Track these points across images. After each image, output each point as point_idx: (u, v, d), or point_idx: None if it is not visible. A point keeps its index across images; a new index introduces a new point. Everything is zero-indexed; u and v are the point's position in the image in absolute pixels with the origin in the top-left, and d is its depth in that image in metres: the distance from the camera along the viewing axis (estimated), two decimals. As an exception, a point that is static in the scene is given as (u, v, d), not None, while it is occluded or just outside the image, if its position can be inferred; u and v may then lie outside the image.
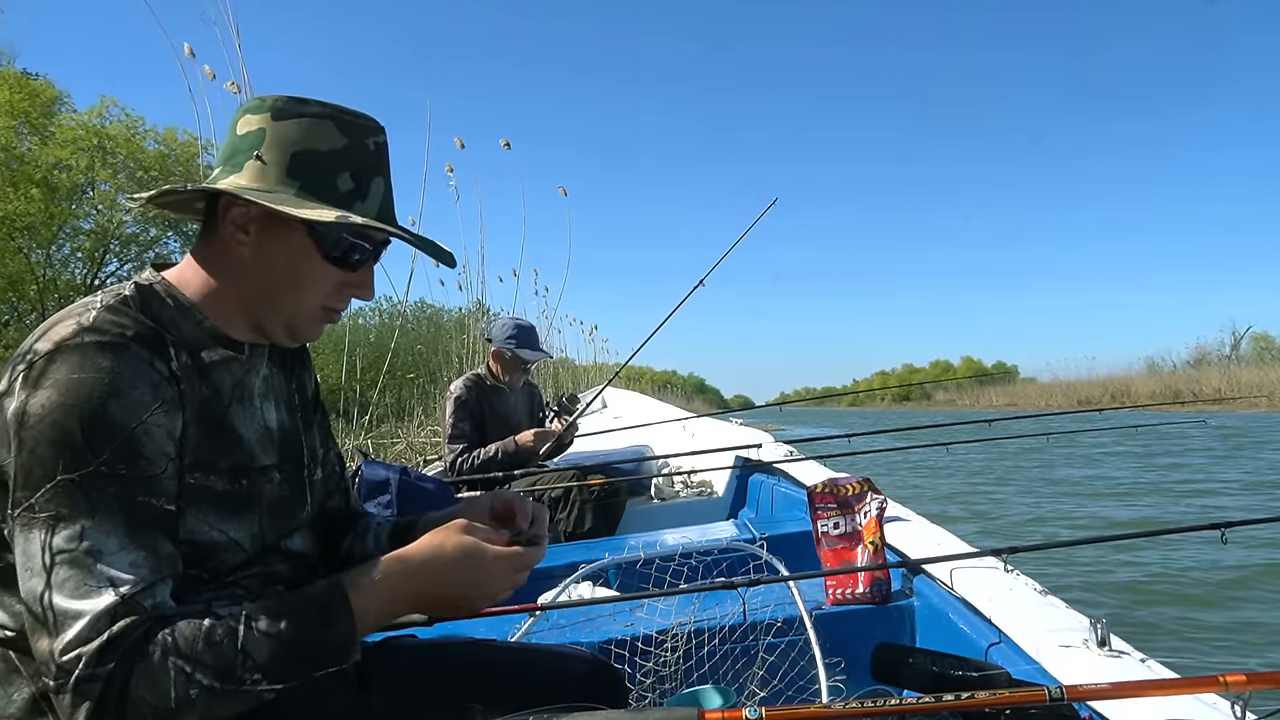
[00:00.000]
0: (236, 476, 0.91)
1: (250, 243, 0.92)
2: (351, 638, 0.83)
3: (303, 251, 0.92)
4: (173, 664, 0.74)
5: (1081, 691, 0.89)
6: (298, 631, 0.79)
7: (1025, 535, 6.62)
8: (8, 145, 12.47)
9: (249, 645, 0.77)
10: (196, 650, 0.75)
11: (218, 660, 0.76)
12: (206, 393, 0.90)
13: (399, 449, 7.53)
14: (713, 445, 4.10)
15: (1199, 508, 7.41)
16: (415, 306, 11.89)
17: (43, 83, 13.91)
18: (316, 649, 0.81)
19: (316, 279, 0.93)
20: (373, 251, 0.96)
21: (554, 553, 2.83)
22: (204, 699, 0.75)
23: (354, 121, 0.94)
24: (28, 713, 0.83)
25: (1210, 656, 3.65)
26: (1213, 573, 4.89)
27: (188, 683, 0.74)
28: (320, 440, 1.12)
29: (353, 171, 0.93)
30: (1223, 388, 27.39)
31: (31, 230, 12.97)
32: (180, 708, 0.74)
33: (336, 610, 0.82)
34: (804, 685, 1.73)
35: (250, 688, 0.77)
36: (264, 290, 0.93)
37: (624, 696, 1.22)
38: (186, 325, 0.90)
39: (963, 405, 42.55)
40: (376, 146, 0.96)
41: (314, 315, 0.96)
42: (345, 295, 0.97)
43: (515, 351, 3.55)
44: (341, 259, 0.94)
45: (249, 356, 0.97)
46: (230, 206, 0.91)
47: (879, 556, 1.94)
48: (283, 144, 0.91)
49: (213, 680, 0.75)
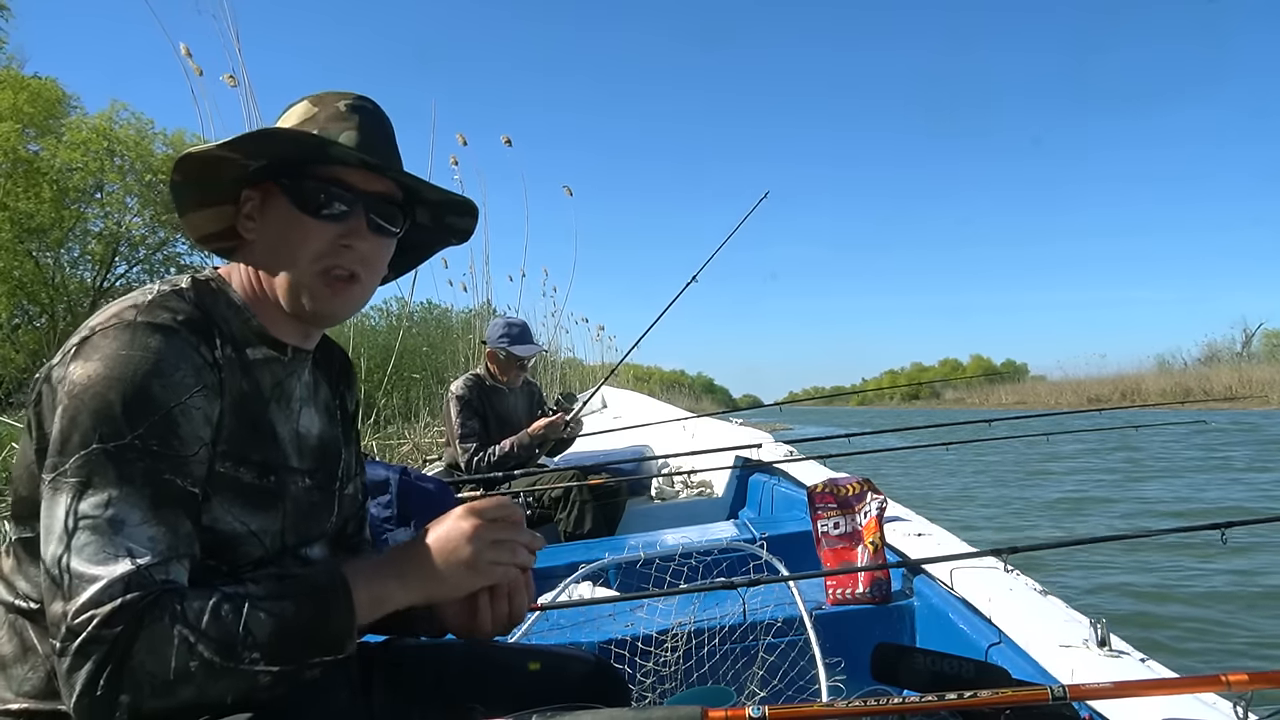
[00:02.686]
0: (265, 472, 0.93)
1: (255, 226, 0.96)
2: (349, 627, 0.83)
3: (285, 212, 0.93)
4: (178, 632, 0.75)
5: (1084, 691, 0.89)
6: (298, 614, 0.80)
7: (1025, 535, 6.62)
8: (15, 149, 12.48)
9: (251, 623, 0.78)
10: (203, 622, 0.76)
11: (221, 634, 0.76)
12: (247, 387, 0.92)
13: (405, 450, 7.53)
14: (713, 445, 4.11)
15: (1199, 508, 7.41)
16: (422, 307, 11.90)
17: (46, 81, 13.90)
18: (315, 634, 0.81)
19: (305, 236, 0.93)
20: (356, 201, 0.94)
21: (554, 553, 2.83)
22: (203, 673, 0.75)
23: (326, 94, 0.98)
24: (44, 690, 0.84)
25: (1211, 657, 3.65)
26: (1214, 572, 4.89)
27: (189, 654, 0.75)
28: (356, 459, 1.14)
29: (320, 129, 0.94)
30: (1234, 385, 27.20)
31: (41, 233, 12.99)
32: (178, 679, 0.74)
33: (336, 597, 0.83)
34: (804, 685, 1.73)
35: (248, 666, 0.77)
36: (271, 268, 0.95)
37: (625, 697, 1.22)
38: (235, 321, 0.94)
39: (972, 404, 42.34)
40: (349, 109, 0.97)
41: (315, 279, 0.94)
42: (341, 252, 0.94)
43: (509, 350, 3.56)
44: (321, 209, 0.93)
45: (291, 359, 0.99)
46: (245, 204, 0.96)
47: (879, 556, 1.94)
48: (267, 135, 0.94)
49: (214, 654, 0.75)
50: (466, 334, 9.88)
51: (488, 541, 0.90)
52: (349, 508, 1.10)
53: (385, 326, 10.17)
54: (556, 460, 3.90)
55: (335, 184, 0.93)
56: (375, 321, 11.06)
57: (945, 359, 74.19)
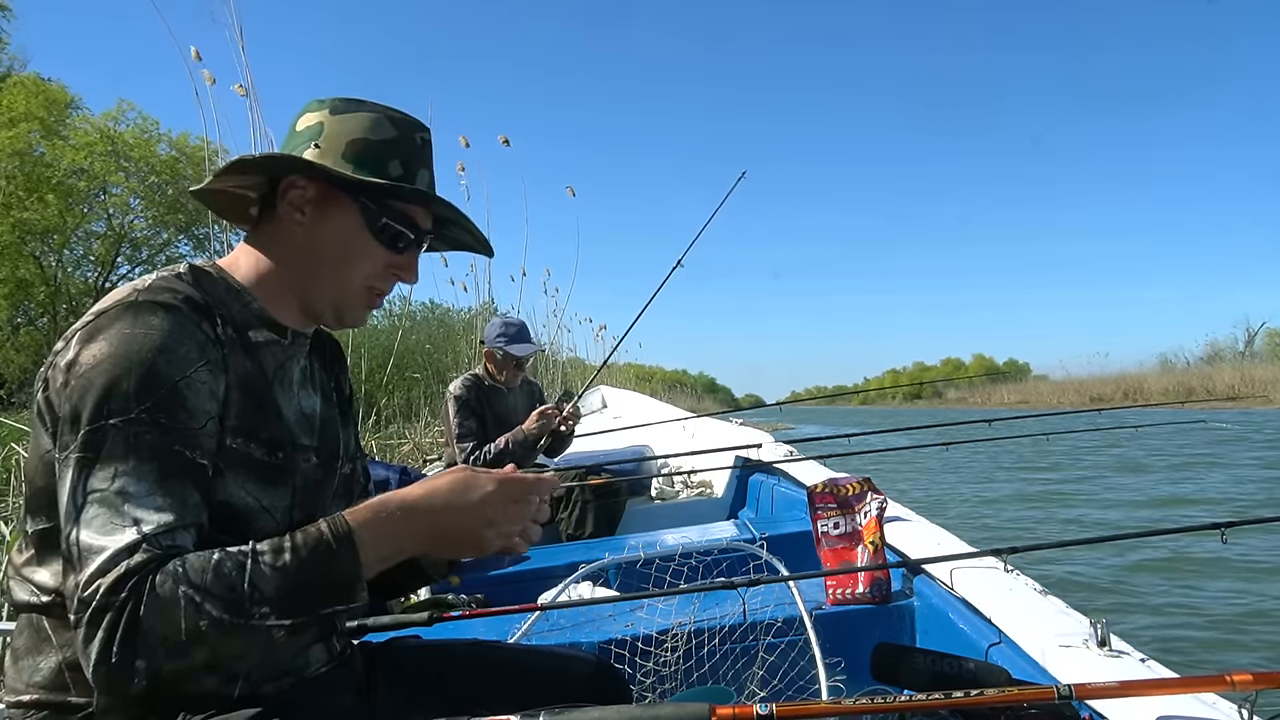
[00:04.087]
0: (274, 449, 0.94)
1: (305, 222, 0.98)
2: (357, 573, 0.83)
3: (353, 228, 0.98)
4: (182, 593, 0.75)
5: (1089, 690, 0.89)
6: (303, 565, 0.80)
7: (1025, 535, 6.62)
8: (24, 150, 12.50)
9: (256, 578, 0.78)
10: (205, 581, 0.76)
11: (226, 591, 0.76)
12: (250, 367, 0.94)
13: (405, 449, 7.52)
14: (713, 445, 4.10)
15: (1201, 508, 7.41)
16: (424, 307, 11.92)
17: (58, 87, 13.93)
18: (323, 583, 0.81)
19: (364, 256, 0.99)
20: (416, 240, 1.02)
21: (554, 553, 2.83)
22: (214, 632, 0.75)
23: (403, 118, 1.02)
24: (53, 682, 0.86)
25: (1211, 658, 3.65)
26: (1214, 572, 4.89)
27: (197, 613, 0.75)
28: (355, 441, 1.17)
29: (402, 160, 1.00)
30: (1236, 384, 27.20)
31: (45, 234, 13.01)
32: (191, 640, 0.75)
33: (341, 544, 0.83)
34: (804, 685, 1.72)
35: (259, 622, 0.77)
36: (314, 269, 0.99)
37: (627, 697, 1.22)
38: (235, 304, 0.96)
39: (974, 403, 42.21)
40: (423, 142, 1.03)
41: (359, 294, 1.01)
42: (390, 277, 1.02)
43: (506, 349, 3.56)
44: (388, 239, 0.99)
45: (291, 343, 1.01)
46: (289, 189, 0.98)
47: (879, 556, 1.93)
48: (339, 134, 0.98)
49: (222, 612, 0.75)
50: (468, 334, 9.88)
51: (508, 519, 0.91)
52: (346, 487, 1.12)
53: (387, 326, 10.17)
54: (556, 460, 3.90)
55: (407, 221, 1.00)
56: (377, 321, 11.07)
57: (948, 358, 74.34)
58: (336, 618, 0.83)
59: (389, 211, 0.98)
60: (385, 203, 0.98)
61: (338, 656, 1.04)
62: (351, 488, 1.14)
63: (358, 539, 0.83)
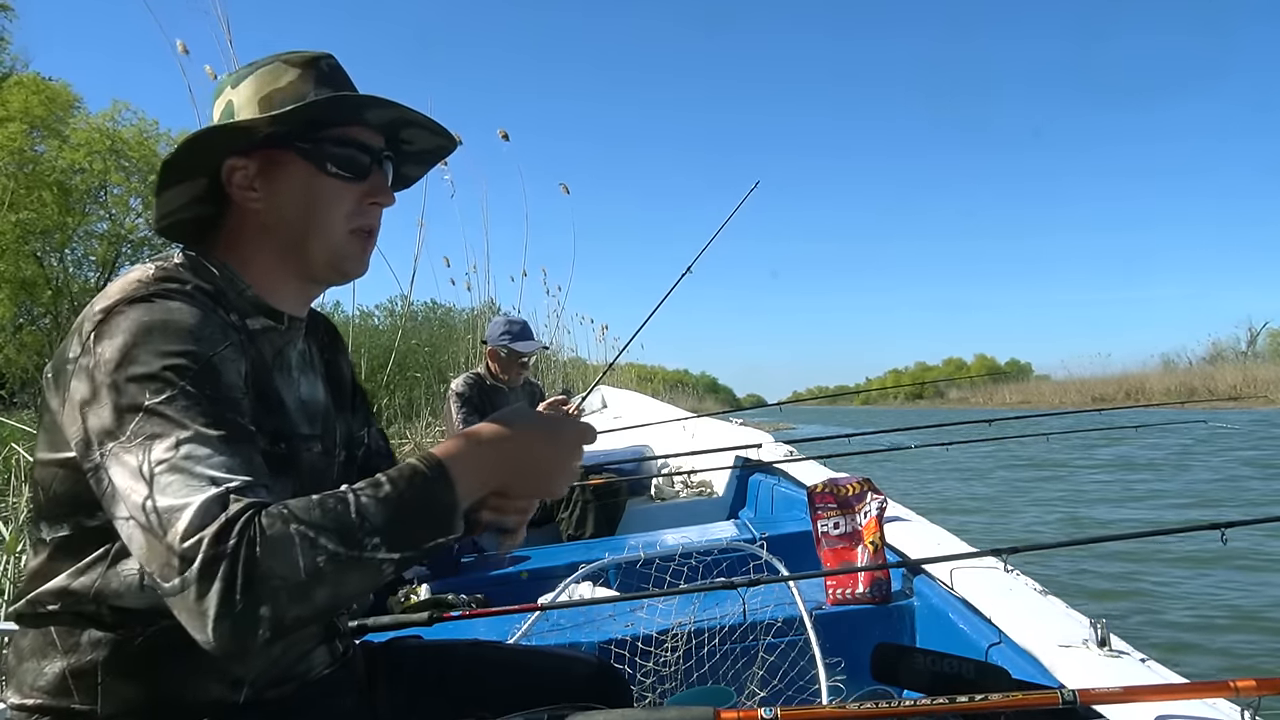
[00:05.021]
0: (277, 440, 0.93)
1: (262, 196, 0.95)
2: (453, 503, 0.80)
3: (307, 177, 0.94)
4: (295, 530, 0.71)
5: (1093, 695, 0.89)
6: (403, 496, 0.77)
7: (1025, 535, 6.62)
8: (23, 149, 12.50)
9: (363, 509, 0.75)
10: (315, 517, 0.73)
11: (338, 524, 0.73)
12: (254, 355, 0.92)
13: (407, 449, 7.53)
14: (713, 445, 4.10)
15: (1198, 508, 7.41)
16: (425, 306, 11.91)
17: (60, 85, 13.93)
18: (425, 511, 0.79)
19: (332, 198, 0.95)
20: (374, 156, 0.98)
21: (554, 553, 2.84)
22: (332, 568, 0.72)
23: (301, 55, 0.98)
24: (57, 687, 0.85)
25: (1211, 658, 3.65)
26: (1214, 572, 4.89)
27: (314, 549, 0.71)
28: (359, 423, 1.16)
29: (317, 90, 0.96)
30: (1239, 384, 27.08)
31: (45, 234, 13.01)
32: (312, 578, 0.71)
33: (436, 474, 0.80)
34: (804, 685, 1.73)
35: (371, 554, 0.74)
36: (292, 236, 0.96)
37: (628, 698, 1.22)
38: (230, 291, 0.93)
39: (976, 403, 42.07)
40: (330, 68, 0.99)
41: (347, 239, 0.97)
42: (368, 209, 0.98)
43: (510, 347, 3.56)
44: (345, 170, 0.95)
45: (287, 328, 0.99)
46: (232, 174, 0.94)
47: (879, 556, 1.93)
48: (248, 99, 0.95)
49: (338, 545, 0.72)
50: (468, 333, 9.88)
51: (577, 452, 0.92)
52: (344, 475, 1.09)
53: (388, 326, 10.18)
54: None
55: (354, 144, 0.96)
56: (378, 321, 11.07)
57: (949, 358, 74.23)
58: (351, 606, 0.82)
59: (330, 143, 0.94)
60: (321, 137, 0.94)
61: (340, 658, 1.04)
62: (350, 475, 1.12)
63: (451, 469, 0.81)
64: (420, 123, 1.00)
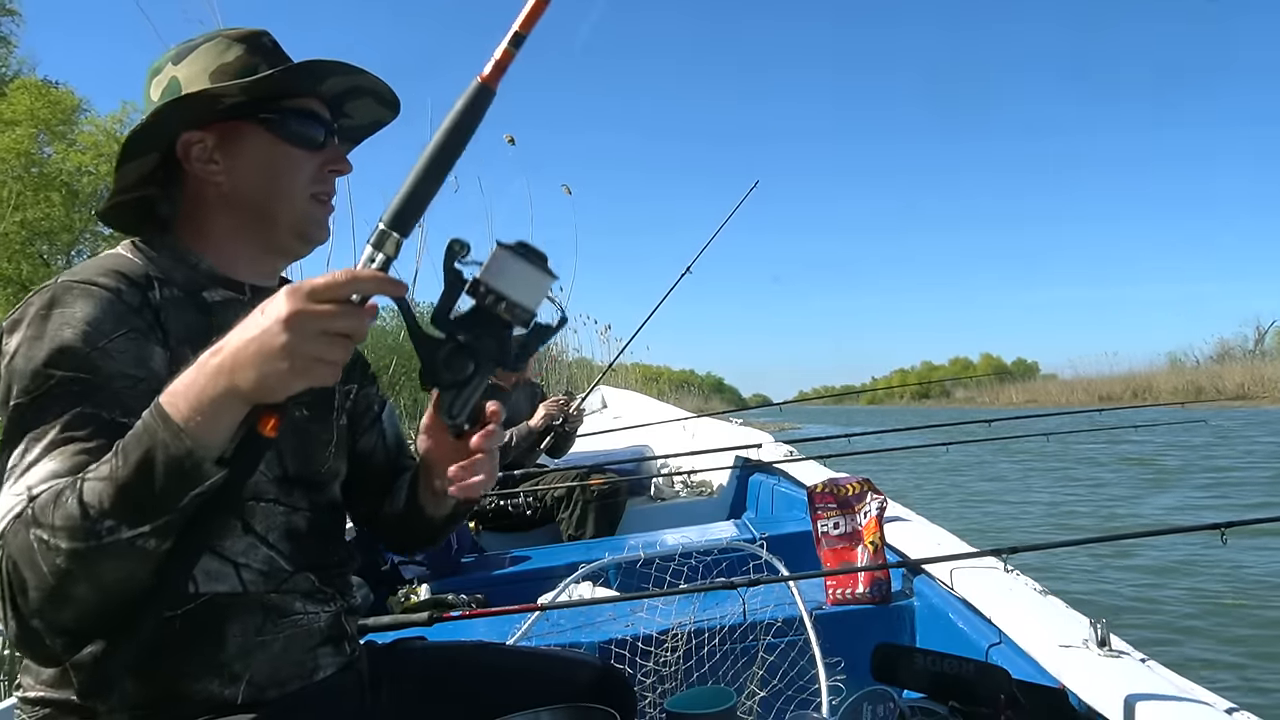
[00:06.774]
0: None
1: (222, 168, 0.96)
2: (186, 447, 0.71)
3: (269, 146, 0.96)
4: (34, 536, 0.72)
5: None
6: (128, 461, 0.72)
7: (1026, 535, 6.62)
8: (29, 152, 12.53)
9: (88, 496, 0.72)
10: (48, 516, 0.72)
11: (66, 520, 0.71)
12: (203, 324, 0.92)
13: (410, 449, 7.50)
14: (713, 445, 4.09)
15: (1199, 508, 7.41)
16: (430, 306, 11.88)
17: (64, 91, 13.96)
18: (154, 473, 0.71)
19: (293, 167, 0.97)
20: (327, 127, 1.00)
21: (554, 553, 2.83)
22: (75, 564, 0.71)
23: (242, 32, 0.99)
24: (58, 680, 0.87)
25: (1211, 658, 3.65)
26: (1214, 573, 4.88)
27: (50, 551, 0.71)
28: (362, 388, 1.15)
29: (265, 64, 0.97)
30: (1246, 383, 26.79)
31: (51, 235, 13.03)
32: (61, 581, 0.71)
33: (154, 418, 0.73)
34: (804, 685, 1.73)
35: (111, 537, 0.71)
36: (256, 205, 0.97)
37: (631, 701, 1.22)
38: (180, 269, 0.95)
39: (982, 403, 41.79)
40: (272, 44, 1.01)
41: (309, 206, 0.99)
42: (327, 176, 1.00)
43: None
44: (305, 139, 0.97)
45: (251, 298, 0.98)
46: (189, 149, 0.95)
47: (879, 556, 1.94)
48: (196, 75, 0.96)
49: (70, 541, 0.71)
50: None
51: (312, 333, 0.70)
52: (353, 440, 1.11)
53: (393, 326, 10.17)
54: (557, 461, 3.90)
55: (310, 115, 0.98)
56: (383, 321, 11.05)
57: (955, 357, 74.20)
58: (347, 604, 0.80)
59: (291, 114, 0.96)
60: (282, 108, 0.96)
61: (347, 658, 1.03)
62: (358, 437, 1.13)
63: (166, 405, 0.73)
64: (374, 89, 1.02)
